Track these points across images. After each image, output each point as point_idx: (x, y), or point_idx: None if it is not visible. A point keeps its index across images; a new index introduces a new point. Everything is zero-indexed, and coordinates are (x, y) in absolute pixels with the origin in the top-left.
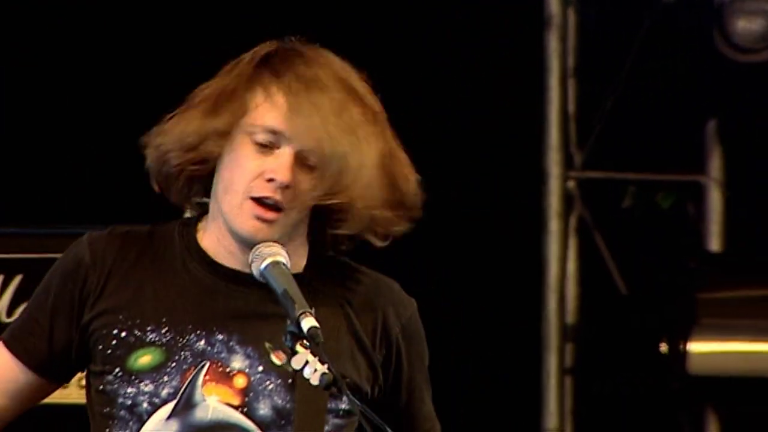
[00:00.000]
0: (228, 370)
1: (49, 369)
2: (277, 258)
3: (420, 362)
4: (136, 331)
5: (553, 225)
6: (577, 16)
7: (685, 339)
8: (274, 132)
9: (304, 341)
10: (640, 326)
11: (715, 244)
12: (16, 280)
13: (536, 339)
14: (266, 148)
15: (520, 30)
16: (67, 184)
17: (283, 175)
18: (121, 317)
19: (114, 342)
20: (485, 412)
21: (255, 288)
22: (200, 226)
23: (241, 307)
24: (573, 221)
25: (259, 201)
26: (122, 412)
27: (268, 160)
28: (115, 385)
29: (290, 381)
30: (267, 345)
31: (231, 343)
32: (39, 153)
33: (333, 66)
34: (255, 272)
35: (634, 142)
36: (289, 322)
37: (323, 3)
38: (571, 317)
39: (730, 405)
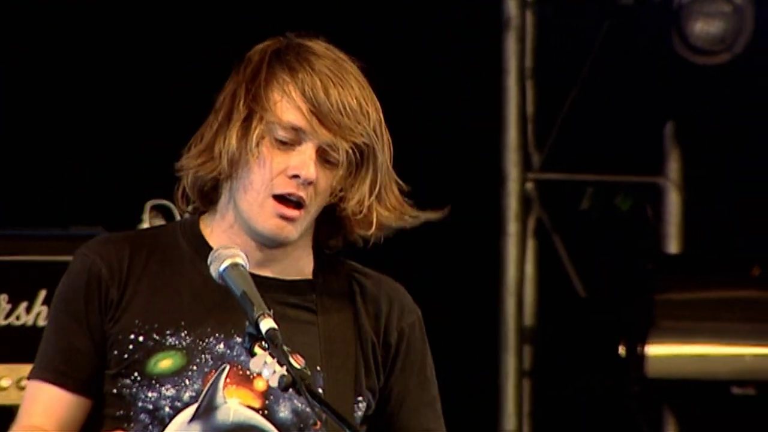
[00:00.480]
0: (248, 373)
1: (94, 388)
2: (236, 260)
3: (417, 372)
4: (154, 335)
5: (512, 227)
6: (535, 17)
7: (643, 341)
8: (294, 128)
9: (263, 343)
10: (598, 328)
11: (673, 246)
12: None
13: (494, 341)
14: (287, 145)
15: (478, 31)
16: (25, 186)
17: (307, 171)
18: (137, 321)
19: (131, 347)
20: (443, 414)
21: (271, 291)
22: (204, 225)
23: None
24: (531, 223)
25: (281, 199)
26: (142, 416)
27: (291, 156)
28: (134, 389)
29: (308, 383)
30: (285, 348)
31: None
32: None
33: (344, 61)
34: (214, 274)
35: (592, 144)
36: (247, 323)
37: (283, 4)
38: (529, 319)
39: (687, 407)
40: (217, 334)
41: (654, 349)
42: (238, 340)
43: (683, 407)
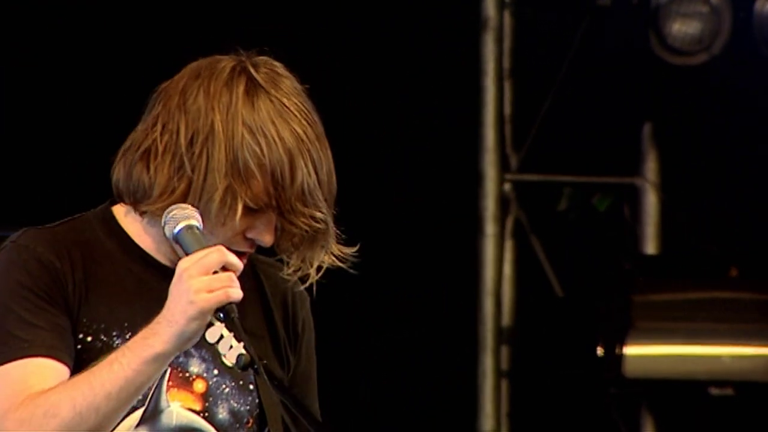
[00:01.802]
0: (187, 374)
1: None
2: (191, 222)
3: (313, 357)
4: (102, 336)
5: (489, 228)
6: (513, 18)
7: (621, 342)
8: (264, 204)
9: (219, 314)
10: (576, 329)
11: (650, 246)
12: None
13: (472, 341)
14: (254, 212)
15: (456, 32)
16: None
17: (267, 239)
18: (85, 320)
19: (79, 346)
20: (421, 414)
21: None
22: (120, 217)
23: None
24: (509, 224)
25: (232, 251)
26: None
27: (253, 219)
28: None
29: (241, 382)
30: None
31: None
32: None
33: (309, 114)
34: (168, 234)
35: (570, 145)
36: None
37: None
38: (507, 320)
39: (666, 408)
40: None
41: (632, 350)
42: None
43: (661, 408)
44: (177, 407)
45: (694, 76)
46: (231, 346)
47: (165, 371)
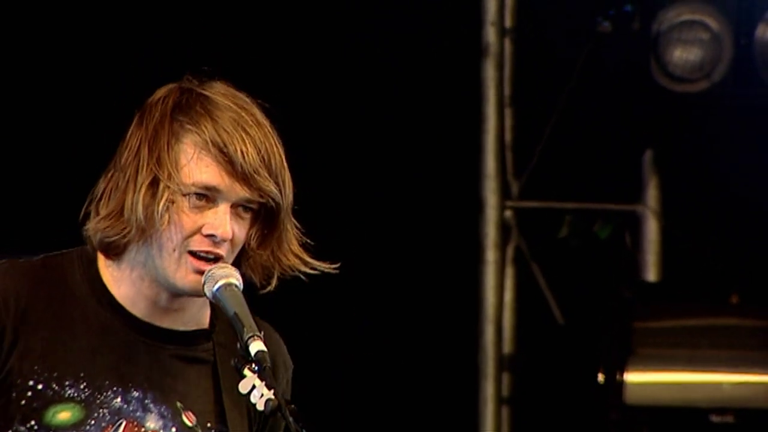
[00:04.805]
0: (144, 429)
1: None
2: (230, 280)
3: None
4: (53, 385)
5: (490, 255)
6: (514, 45)
7: (622, 369)
8: (207, 188)
9: (252, 365)
10: (576, 356)
11: (651, 273)
12: None
13: (473, 368)
14: (201, 203)
15: (456, 58)
16: None
17: (223, 230)
18: (36, 368)
19: (30, 393)
20: None
21: (171, 344)
22: (103, 268)
23: (157, 363)
24: (510, 251)
25: (198, 256)
26: None
27: (206, 215)
28: None
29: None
30: (179, 404)
31: (146, 401)
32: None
33: (245, 106)
34: (207, 294)
35: (571, 172)
36: (238, 345)
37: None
38: (508, 347)
39: None
40: (114, 388)
41: (632, 377)
42: (136, 394)
43: None
44: None
45: (695, 103)
46: (262, 394)
47: (120, 424)
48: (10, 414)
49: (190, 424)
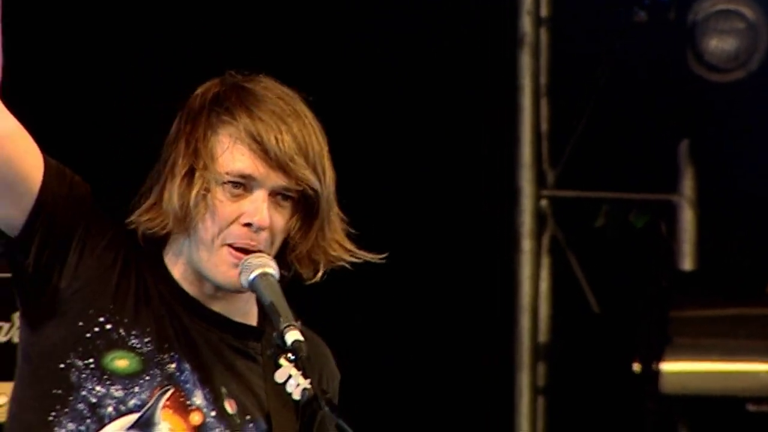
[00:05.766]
0: (188, 403)
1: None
2: (266, 269)
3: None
4: (121, 330)
5: (526, 244)
6: (550, 34)
7: (658, 358)
8: (243, 176)
9: (289, 355)
10: (612, 345)
11: (687, 262)
12: None
13: (509, 358)
14: (238, 193)
15: (492, 48)
16: None
17: (261, 218)
18: (111, 306)
19: (97, 329)
20: (458, 430)
21: (222, 330)
22: (166, 250)
23: (208, 345)
24: (546, 240)
25: (238, 248)
26: (80, 405)
27: (242, 204)
28: (83, 376)
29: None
30: (223, 390)
31: (195, 378)
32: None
33: (285, 98)
34: (243, 283)
35: (606, 161)
36: (274, 334)
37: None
38: (543, 336)
39: (702, 424)
40: (173, 353)
41: (669, 366)
42: (188, 366)
43: (698, 424)
44: (165, 429)
45: (730, 92)
46: (298, 384)
47: (167, 389)
48: (70, 341)
49: (230, 411)
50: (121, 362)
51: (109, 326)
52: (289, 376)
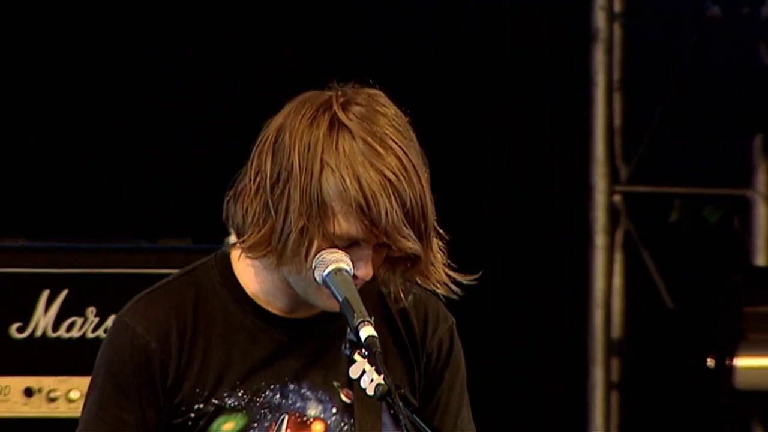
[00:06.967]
0: (305, 418)
1: None
2: (340, 264)
3: (455, 380)
4: (213, 400)
5: (599, 239)
6: (623, 29)
7: (732, 354)
8: (351, 239)
9: (362, 350)
10: (686, 341)
11: (761, 258)
12: (62, 294)
13: (582, 354)
14: (344, 245)
15: (566, 43)
16: (112, 198)
17: (365, 273)
18: (197, 390)
19: (193, 415)
20: (531, 427)
21: (312, 330)
22: (235, 260)
23: (302, 353)
24: (619, 236)
25: None
26: None
27: (348, 252)
28: None
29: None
30: (335, 384)
31: (303, 391)
32: (82, 167)
33: (401, 142)
34: (317, 278)
35: (680, 156)
36: (348, 330)
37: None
38: (617, 332)
39: None
40: (272, 386)
41: (743, 361)
42: (292, 387)
43: None
44: None
45: None
46: (372, 380)
47: (282, 418)
48: None
49: (348, 401)
50: (226, 426)
51: (201, 406)
52: (363, 372)
